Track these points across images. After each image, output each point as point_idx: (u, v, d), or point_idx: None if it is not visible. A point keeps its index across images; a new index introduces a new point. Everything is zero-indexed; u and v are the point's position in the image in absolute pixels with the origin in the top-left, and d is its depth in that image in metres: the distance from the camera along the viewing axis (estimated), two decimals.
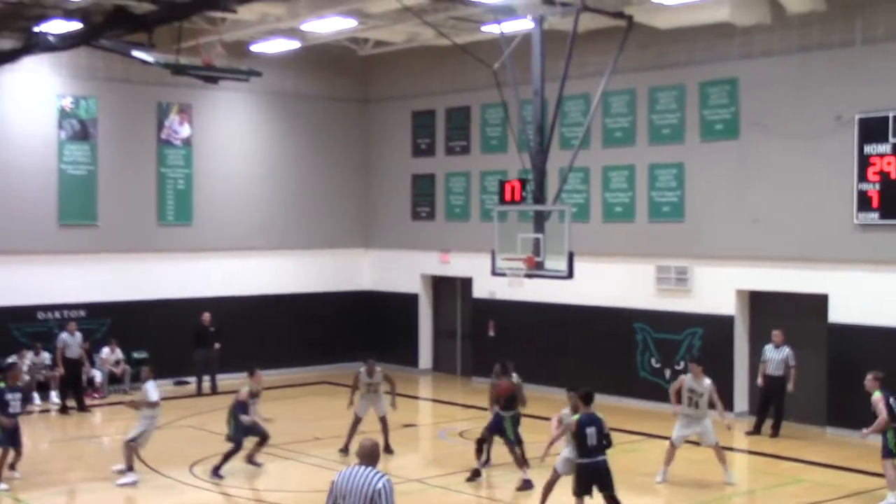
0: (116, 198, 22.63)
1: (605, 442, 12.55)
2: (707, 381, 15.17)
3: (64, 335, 20.72)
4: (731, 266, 19.67)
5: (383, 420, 16.94)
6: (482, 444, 15.49)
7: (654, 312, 20.74)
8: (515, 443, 15.27)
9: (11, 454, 15.09)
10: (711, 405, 15.20)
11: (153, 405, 15.42)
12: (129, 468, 15.22)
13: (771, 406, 18.39)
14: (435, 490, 14.93)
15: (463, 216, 24.31)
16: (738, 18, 18.63)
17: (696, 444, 17.37)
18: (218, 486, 14.98)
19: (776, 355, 18.23)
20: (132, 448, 15.29)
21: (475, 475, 15.26)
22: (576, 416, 12.19)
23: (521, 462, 15.10)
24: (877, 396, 13.96)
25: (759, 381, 18.52)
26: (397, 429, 17.90)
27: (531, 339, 22.55)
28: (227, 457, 15.41)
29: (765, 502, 14.51)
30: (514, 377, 15.71)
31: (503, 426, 15.30)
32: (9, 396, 14.97)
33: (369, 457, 8.22)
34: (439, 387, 24.03)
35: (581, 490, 12.56)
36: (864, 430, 14.07)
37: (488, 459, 15.77)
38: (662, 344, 20.67)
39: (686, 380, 15.32)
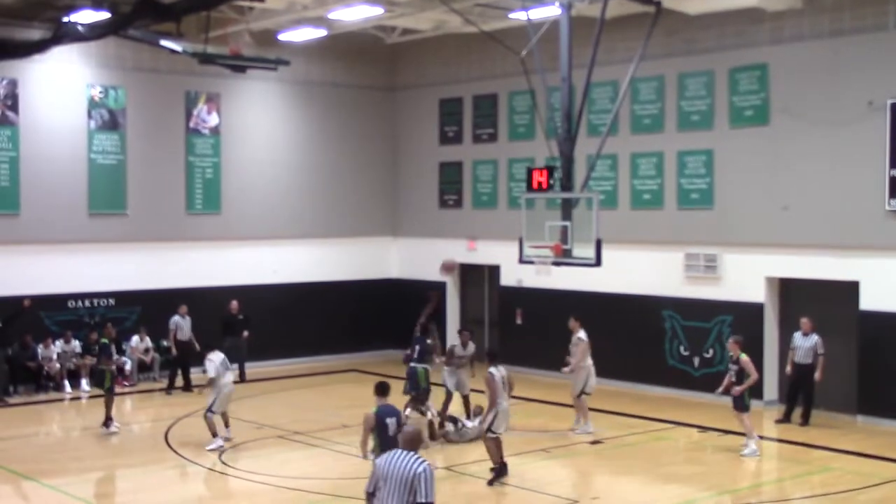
0: (145, 187, 22.76)
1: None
2: (580, 334, 17.59)
3: (176, 318, 21.34)
4: (761, 253, 19.53)
5: (466, 399, 17.46)
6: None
7: (682, 300, 20.64)
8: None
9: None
10: None
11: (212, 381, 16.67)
12: (214, 434, 16.37)
13: (800, 394, 18.25)
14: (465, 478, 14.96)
15: (490, 204, 24.27)
16: (768, 3, 18.47)
17: (727, 431, 17.35)
18: (246, 472, 15.06)
19: (805, 343, 18.06)
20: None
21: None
22: (374, 409, 12.03)
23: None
24: (745, 358, 15.94)
25: (788, 368, 18.40)
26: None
27: (559, 327, 22.43)
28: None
29: (794, 490, 14.42)
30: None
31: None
32: (112, 349, 18.05)
33: (411, 443, 8.40)
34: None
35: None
36: (736, 389, 15.94)
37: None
38: (691, 332, 20.57)
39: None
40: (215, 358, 16.68)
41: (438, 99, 25.41)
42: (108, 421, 17.51)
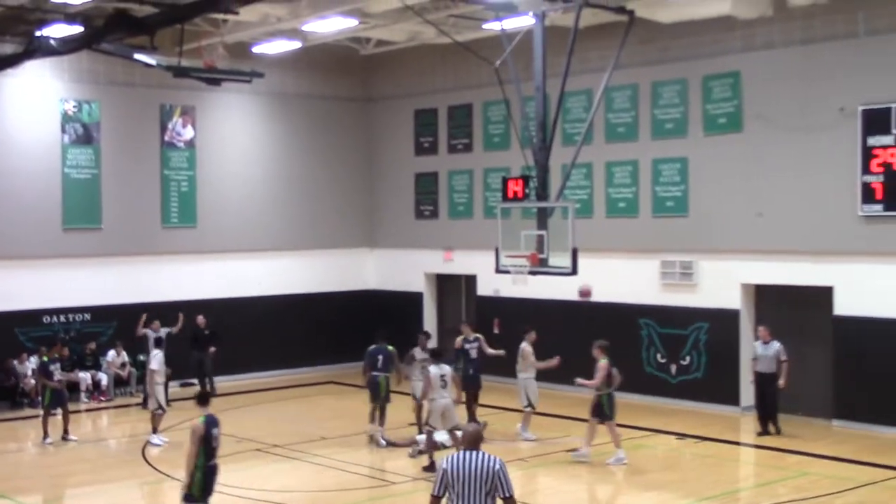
0: (120, 201, 22.66)
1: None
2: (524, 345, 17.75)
3: (148, 332, 21.06)
4: (736, 260, 19.64)
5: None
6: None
7: (659, 307, 20.72)
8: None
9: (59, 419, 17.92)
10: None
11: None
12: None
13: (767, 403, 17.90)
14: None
15: (466, 214, 24.30)
16: (739, 11, 18.59)
17: (704, 438, 17.42)
18: (225, 486, 14.97)
19: (766, 352, 17.74)
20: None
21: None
22: (201, 419, 11.75)
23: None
24: (603, 363, 16.04)
25: (751, 379, 18.25)
26: (402, 427, 17.89)
27: (537, 336, 22.49)
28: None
29: (771, 496, 14.46)
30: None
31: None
32: (52, 367, 18.01)
33: (476, 441, 8.47)
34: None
35: (208, 493, 11.87)
36: (580, 380, 16.31)
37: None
38: (668, 339, 20.66)
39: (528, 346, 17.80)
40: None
41: (413, 109, 25.44)
42: (44, 436, 17.90)
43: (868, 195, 17.70)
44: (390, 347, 17.70)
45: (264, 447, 17.29)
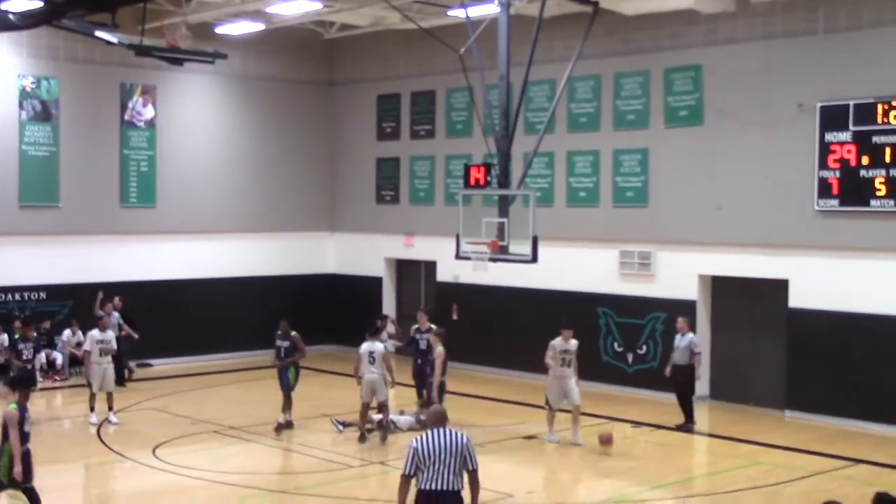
0: (78, 179, 22.43)
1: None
2: (575, 342, 16.67)
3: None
4: (694, 251, 19.84)
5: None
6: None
7: (617, 297, 20.88)
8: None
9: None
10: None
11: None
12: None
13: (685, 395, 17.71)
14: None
15: (427, 200, 24.32)
16: (702, 6, 18.76)
17: (659, 427, 17.60)
18: (181, 468, 14.94)
19: (680, 343, 17.64)
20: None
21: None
22: (13, 405, 11.30)
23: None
24: (440, 350, 16.71)
25: (667, 371, 17.92)
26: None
27: (495, 323, 22.63)
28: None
29: (724, 484, 14.67)
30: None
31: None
32: (21, 346, 18.26)
33: (442, 419, 8.91)
34: (401, 369, 24.01)
35: (28, 479, 11.54)
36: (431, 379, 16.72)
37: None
38: (625, 328, 20.83)
39: (557, 343, 16.62)
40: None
41: (376, 95, 25.40)
42: None
43: (824, 190, 17.95)
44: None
45: (221, 429, 17.25)
